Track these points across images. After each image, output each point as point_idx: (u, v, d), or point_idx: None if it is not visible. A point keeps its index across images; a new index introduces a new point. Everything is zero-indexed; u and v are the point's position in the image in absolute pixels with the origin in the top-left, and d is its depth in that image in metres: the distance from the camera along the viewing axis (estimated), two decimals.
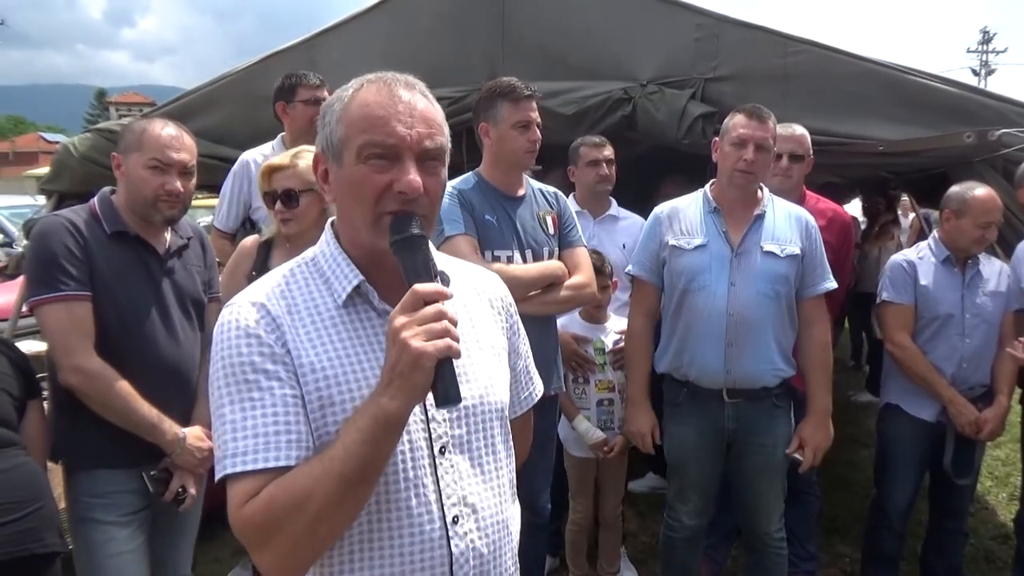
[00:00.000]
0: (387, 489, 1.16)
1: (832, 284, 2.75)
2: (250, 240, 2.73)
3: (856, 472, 4.74)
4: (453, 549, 1.20)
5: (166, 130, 2.26)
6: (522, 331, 1.48)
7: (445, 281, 1.23)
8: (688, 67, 3.54)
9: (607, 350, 3.21)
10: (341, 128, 1.18)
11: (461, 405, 1.16)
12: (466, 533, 1.22)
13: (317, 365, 1.16)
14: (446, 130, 1.23)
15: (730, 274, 2.64)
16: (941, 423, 3.08)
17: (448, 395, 1.06)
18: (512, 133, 2.60)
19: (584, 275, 2.76)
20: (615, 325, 3.28)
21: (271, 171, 2.50)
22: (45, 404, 3.18)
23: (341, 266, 1.23)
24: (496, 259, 2.60)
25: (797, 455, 2.73)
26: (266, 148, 3.46)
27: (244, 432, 1.11)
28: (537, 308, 2.62)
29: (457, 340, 1.06)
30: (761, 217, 2.68)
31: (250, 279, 2.53)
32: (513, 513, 1.33)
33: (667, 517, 2.93)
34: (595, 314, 3.26)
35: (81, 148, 4.03)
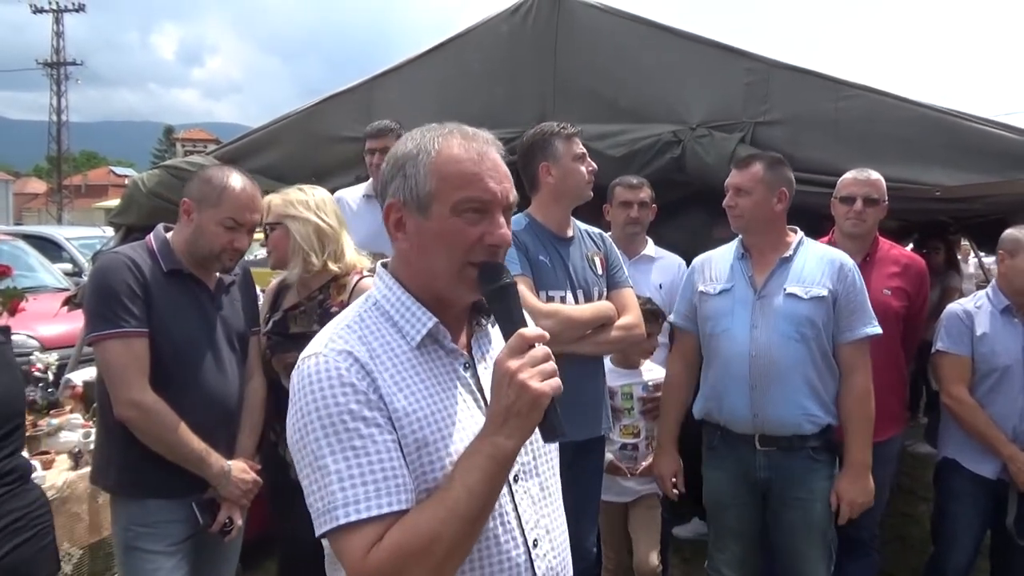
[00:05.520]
0: None
1: (875, 329, 2.65)
2: (275, 281, 2.83)
3: (913, 526, 4.55)
4: (536, 571, 1.26)
5: (245, 190, 2.32)
6: None
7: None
8: (738, 111, 3.55)
9: (636, 396, 3.22)
10: (432, 181, 1.21)
11: None
12: (545, 554, 1.29)
13: (409, 408, 1.18)
14: None
15: (751, 317, 2.65)
16: (1003, 480, 2.96)
17: (556, 429, 1.15)
18: (574, 166, 2.67)
19: (633, 315, 2.77)
20: (648, 371, 3.30)
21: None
22: (93, 431, 3.30)
23: (411, 310, 1.26)
24: (550, 299, 2.63)
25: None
26: (359, 189, 3.65)
27: (352, 481, 1.11)
28: (590, 348, 2.67)
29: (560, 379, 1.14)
30: (788, 260, 2.68)
31: (265, 321, 2.64)
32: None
33: (707, 567, 2.88)
34: (631, 359, 3.27)
35: (149, 183, 4.22)
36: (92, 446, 3.17)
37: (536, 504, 1.30)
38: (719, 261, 2.84)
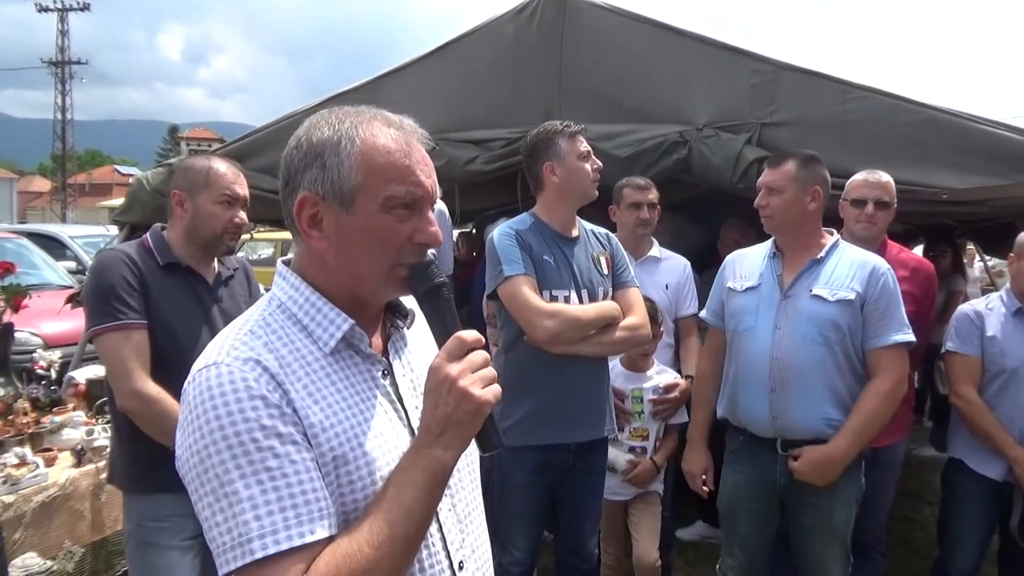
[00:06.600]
0: None
1: (905, 337, 2.55)
2: None
3: (917, 530, 4.54)
4: None
5: (229, 168, 2.39)
6: None
7: (412, 317, 1.25)
8: (745, 112, 3.54)
9: (647, 399, 3.22)
10: (359, 174, 1.09)
11: None
12: None
13: (326, 422, 1.06)
14: None
15: (776, 317, 2.61)
16: (1009, 483, 2.94)
17: (494, 440, 1.08)
18: (578, 164, 2.66)
19: (638, 315, 2.75)
20: (658, 373, 3.30)
21: None
22: (96, 428, 3.29)
23: (323, 311, 1.13)
24: (554, 299, 2.61)
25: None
26: None
27: (269, 507, 0.98)
28: (594, 349, 2.64)
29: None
30: (819, 262, 2.62)
31: None
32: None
33: (718, 570, 2.87)
34: (638, 362, 3.26)
35: (153, 182, 4.23)
36: (95, 443, 3.17)
37: (461, 522, 1.20)
38: (751, 259, 2.81)
